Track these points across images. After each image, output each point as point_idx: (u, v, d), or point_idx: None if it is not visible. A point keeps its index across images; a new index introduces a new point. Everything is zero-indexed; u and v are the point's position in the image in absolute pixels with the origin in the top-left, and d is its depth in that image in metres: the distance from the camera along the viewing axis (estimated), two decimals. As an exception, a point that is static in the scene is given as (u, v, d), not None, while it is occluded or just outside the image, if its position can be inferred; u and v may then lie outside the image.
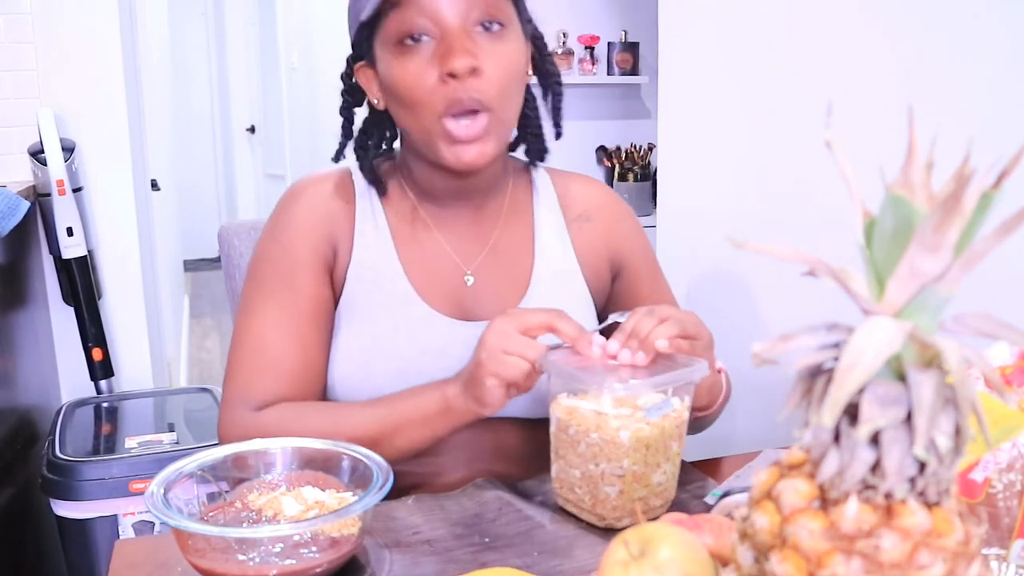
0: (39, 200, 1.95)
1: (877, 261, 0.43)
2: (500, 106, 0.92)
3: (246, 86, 6.49)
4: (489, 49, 0.90)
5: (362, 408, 0.92)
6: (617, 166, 3.50)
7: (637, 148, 3.55)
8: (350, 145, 1.03)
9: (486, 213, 1.03)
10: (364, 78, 0.99)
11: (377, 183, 1.02)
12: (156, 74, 3.69)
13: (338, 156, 1.03)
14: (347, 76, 1.01)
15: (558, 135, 1.05)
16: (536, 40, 1.01)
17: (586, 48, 3.44)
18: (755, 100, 1.27)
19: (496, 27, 0.91)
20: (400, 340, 0.96)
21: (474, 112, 0.90)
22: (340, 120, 1.03)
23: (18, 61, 2.00)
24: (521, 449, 1.01)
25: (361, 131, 1.03)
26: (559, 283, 1.03)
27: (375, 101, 0.99)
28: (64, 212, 1.93)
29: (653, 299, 1.07)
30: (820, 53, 1.15)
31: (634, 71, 3.51)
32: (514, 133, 1.03)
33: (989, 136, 0.54)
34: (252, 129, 6.53)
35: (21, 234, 1.84)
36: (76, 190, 1.96)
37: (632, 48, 3.49)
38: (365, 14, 0.90)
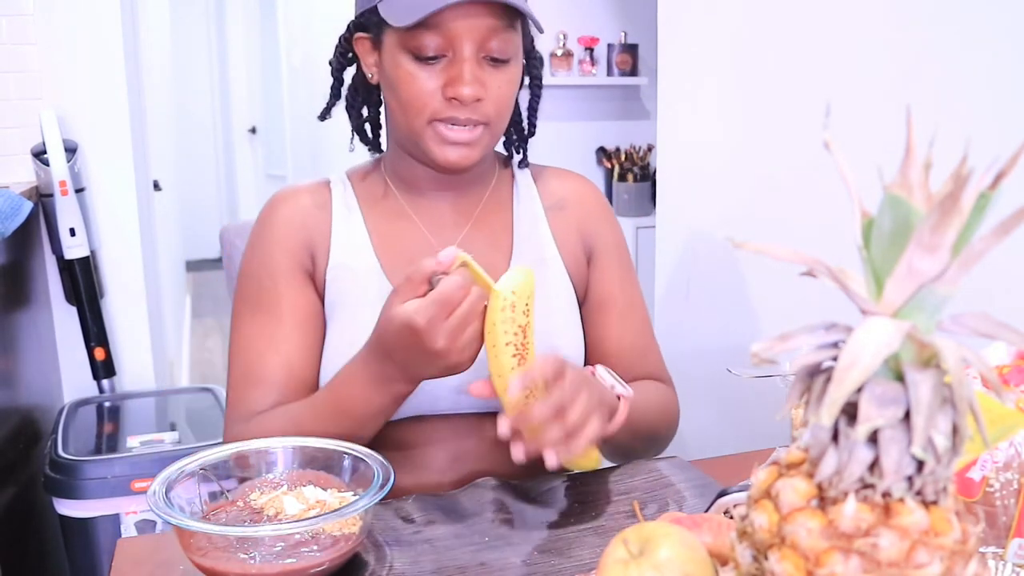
0: (42, 201, 1.96)
1: (875, 261, 0.44)
2: (494, 123, 0.97)
3: (247, 87, 6.50)
4: (493, 77, 0.94)
5: (318, 412, 0.91)
6: (616, 167, 3.50)
7: (636, 149, 3.55)
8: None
9: (466, 202, 1.06)
10: (362, 49, 1.01)
11: (373, 144, 1.07)
12: (158, 75, 3.69)
13: (324, 115, 1.06)
14: (345, 40, 1.02)
15: (531, 133, 1.08)
16: (529, 49, 1.03)
17: (586, 49, 3.45)
18: (754, 101, 1.27)
19: (502, 61, 0.95)
20: None
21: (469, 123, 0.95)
22: (341, 108, 1.05)
23: (21, 62, 2.00)
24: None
25: (351, 90, 1.05)
26: (539, 270, 1.03)
27: (369, 74, 1.01)
28: (66, 212, 1.93)
29: (622, 294, 1.08)
30: (819, 54, 1.15)
31: (633, 72, 3.51)
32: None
33: (987, 136, 0.54)
34: (253, 130, 6.53)
35: (24, 234, 1.84)
36: (78, 191, 1.97)
37: (631, 49, 3.50)
38: (397, 24, 0.91)
